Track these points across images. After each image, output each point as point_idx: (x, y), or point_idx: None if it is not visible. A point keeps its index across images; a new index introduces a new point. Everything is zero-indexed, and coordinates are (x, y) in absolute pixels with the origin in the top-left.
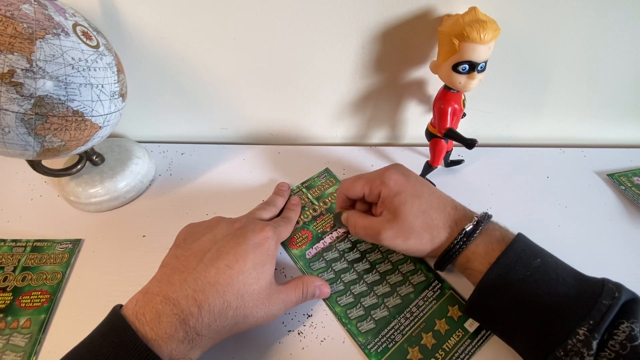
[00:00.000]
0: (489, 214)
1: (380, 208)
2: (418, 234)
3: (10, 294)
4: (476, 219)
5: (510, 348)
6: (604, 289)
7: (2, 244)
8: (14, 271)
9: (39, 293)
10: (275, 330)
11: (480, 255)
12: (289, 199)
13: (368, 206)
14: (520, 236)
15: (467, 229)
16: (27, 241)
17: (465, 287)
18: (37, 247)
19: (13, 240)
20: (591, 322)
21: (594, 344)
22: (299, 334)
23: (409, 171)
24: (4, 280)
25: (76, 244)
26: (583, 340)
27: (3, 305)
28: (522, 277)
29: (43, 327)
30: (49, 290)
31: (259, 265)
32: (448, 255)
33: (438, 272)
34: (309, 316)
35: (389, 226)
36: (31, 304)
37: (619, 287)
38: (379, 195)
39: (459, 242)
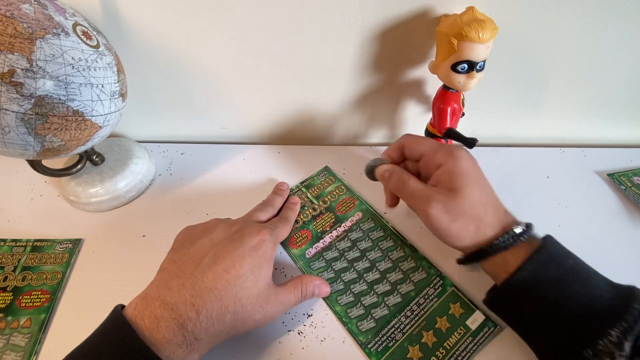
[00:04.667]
0: (531, 223)
1: (434, 180)
2: (466, 221)
3: (11, 293)
4: (525, 224)
5: (513, 346)
6: (636, 294)
7: (2, 243)
8: (14, 271)
9: (39, 293)
10: (275, 330)
11: (514, 255)
12: (287, 198)
13: (415, 172)
14: (550, 237)
15: (517, 231)
16: (27, 241)
17: (467, 284)
18: (37, 246)
19: (13, 240)
20: (624, 324)
21: (627, 345)
22: (299, 333)
23: (476, 160)
24: (4, 280)
25: (76, 243)
26: (615, 342)
27: (3, 305)
28: (555, 276)
29: (43, 327)
30: (49, 290)
31: (256, 268)
32: (487, 251)
33: (461, 265)
34: (309, 316)
35: (443, 199)
36: (31, 304)
37: None
38: (439, 167)
39: (505, 241)
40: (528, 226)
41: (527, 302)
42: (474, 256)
